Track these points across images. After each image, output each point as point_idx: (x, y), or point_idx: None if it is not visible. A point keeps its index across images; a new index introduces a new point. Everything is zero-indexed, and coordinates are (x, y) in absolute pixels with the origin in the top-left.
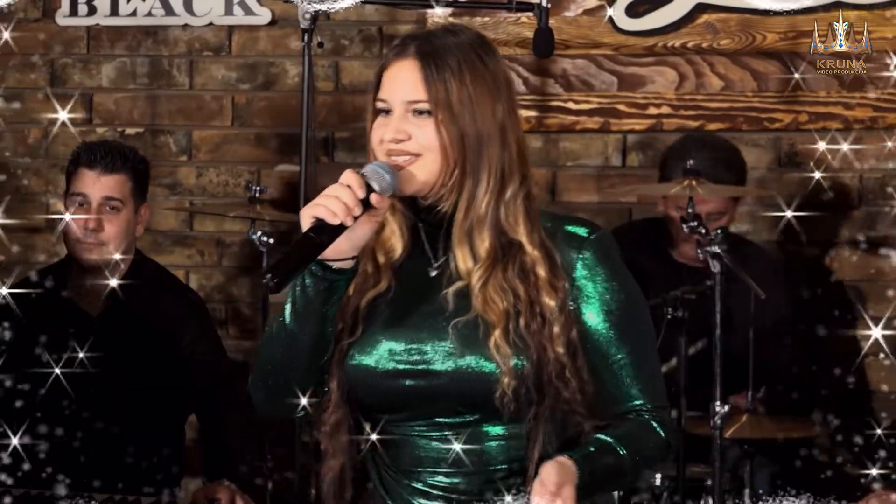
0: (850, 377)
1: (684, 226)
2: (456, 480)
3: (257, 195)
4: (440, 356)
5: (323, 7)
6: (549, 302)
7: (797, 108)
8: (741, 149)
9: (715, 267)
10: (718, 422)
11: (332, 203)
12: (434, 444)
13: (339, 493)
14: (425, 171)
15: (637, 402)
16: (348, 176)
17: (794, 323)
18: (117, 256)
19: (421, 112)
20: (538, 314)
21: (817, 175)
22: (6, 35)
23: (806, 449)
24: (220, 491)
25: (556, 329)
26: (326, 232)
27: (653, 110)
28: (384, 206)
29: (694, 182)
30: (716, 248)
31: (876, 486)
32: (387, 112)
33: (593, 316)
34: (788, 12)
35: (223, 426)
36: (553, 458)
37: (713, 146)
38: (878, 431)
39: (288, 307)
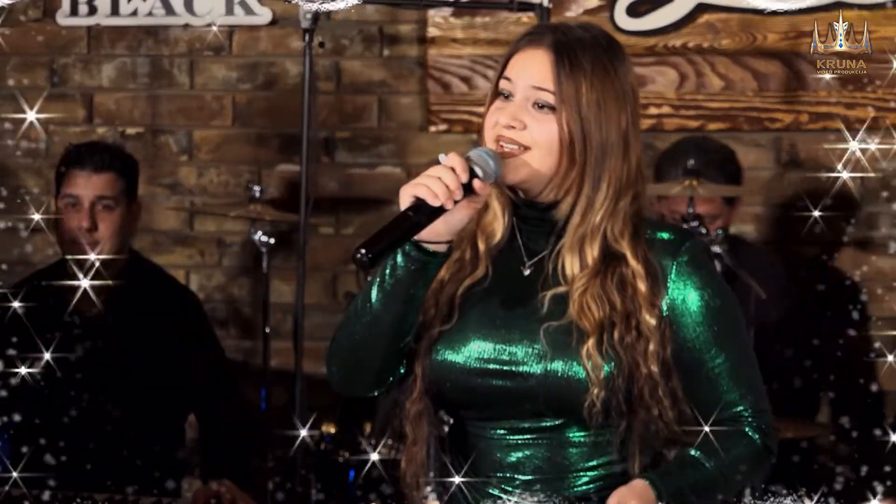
0: (853, 378)
1: (685, 226)
2: (535, 487)
3: (258, 195)
4: (530, 358)
5: (323, 7)
6: (648, 318)
7: (798, 109)
8: (741, 149)
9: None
10: None
11: (434, 184)
12: (512, 448)
13: (420, 481)
14: (532, 164)
15: (736, 409)
16: (453, 158)
17: (795, 323)
18: (95, 256)
19: (542, 106)
20: (634, 328)
21: (818, 175)
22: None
23: (807, 449)
24: (220, 491)
25: (651, 346)
26: (425, 212)
27: (653, 110)
28: (485, 193)
29: (694, 182)
30: (716, 249)
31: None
32: (506, 97)
33: (689, 323)
34: (789, 12)
35: (223, 426)
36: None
37: (708, 149)
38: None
39: (374, 286)
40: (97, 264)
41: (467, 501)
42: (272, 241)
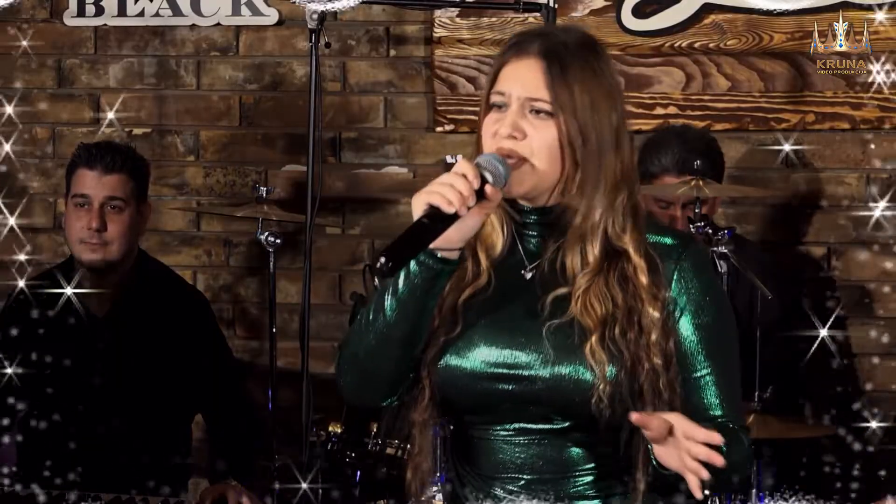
0: (844, 377)
1: (691, 227)
2: (537, 487)
3: (264, 195)
4: (536, 362)
5: (327, 7)
6: (651, 311)
7: (804, 109)
8: (748, 149)
9: (722, 267)
10: None
11: (447, 191)
12: (517, 449)
13: (423, 490)
14: (535, 174)
15: (720, 418)
16: (464, 165)
17: (790, 322)
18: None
19: (539, 112)
20: (636, 323)
21: (824, 175)
22: (24, 43)
23: (813, 449)
24: (226, 491)
25: (653, 338)
26: (440, 220)
27: (660, 110)
28: (497, 199)
29: (701, 182)
30: (723, 249)
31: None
32: (500, 108)
33: (685, 328)
34: (795, 12)
35: (229, 426)
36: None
37: (693, 137)
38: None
39: (388, 296)
40: (105, 264)
41: (472, 502)
42: (279, 241)
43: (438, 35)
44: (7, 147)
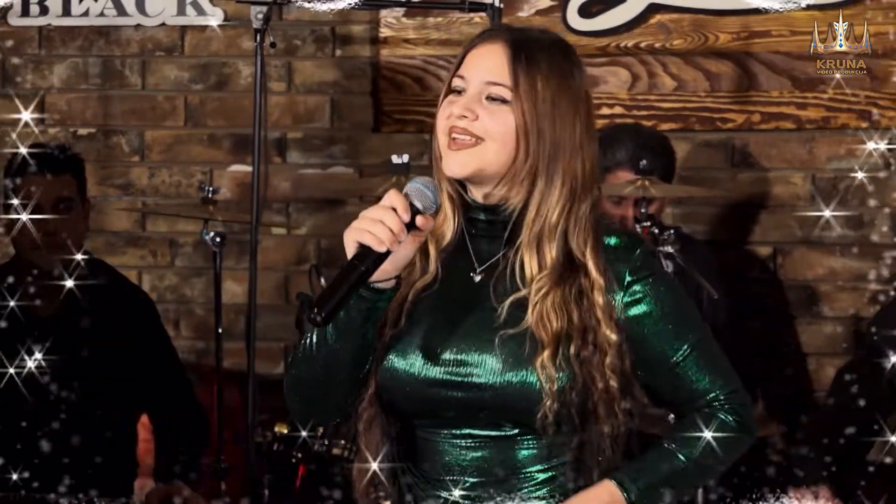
0: (791, 375)
1: (637, 226)
2: (483, 490)
3: (210, 196)
4: (486, 370)
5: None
6: (608, 333)
7: (750, 108)
8: (693, 149)
9: (668, 267)
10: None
11: (378, 229)
12: (463, 451)
13: (370, 491)
14: (483, 157)
15: (708, 396)
16: (393, 197)
17: (736, 321)
18: (79, 256)
19: (495, 99)
20: (591, 343)
21: (769, 175)
22: None
23: (759, 449)
24: (173, 492)
25: (609, 359)
26: (372, 259)
27: (606, 110)
28: (429, 227)
29: (647, 182)
30: (668, 248)
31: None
32: (459, 93)
33: (648, 325)
34: (741, 12)
35: (175, 427)
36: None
37: (647, 136)
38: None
39: (329, 328)
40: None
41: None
42: (224, 241)
43: (384, 35)
44: None
